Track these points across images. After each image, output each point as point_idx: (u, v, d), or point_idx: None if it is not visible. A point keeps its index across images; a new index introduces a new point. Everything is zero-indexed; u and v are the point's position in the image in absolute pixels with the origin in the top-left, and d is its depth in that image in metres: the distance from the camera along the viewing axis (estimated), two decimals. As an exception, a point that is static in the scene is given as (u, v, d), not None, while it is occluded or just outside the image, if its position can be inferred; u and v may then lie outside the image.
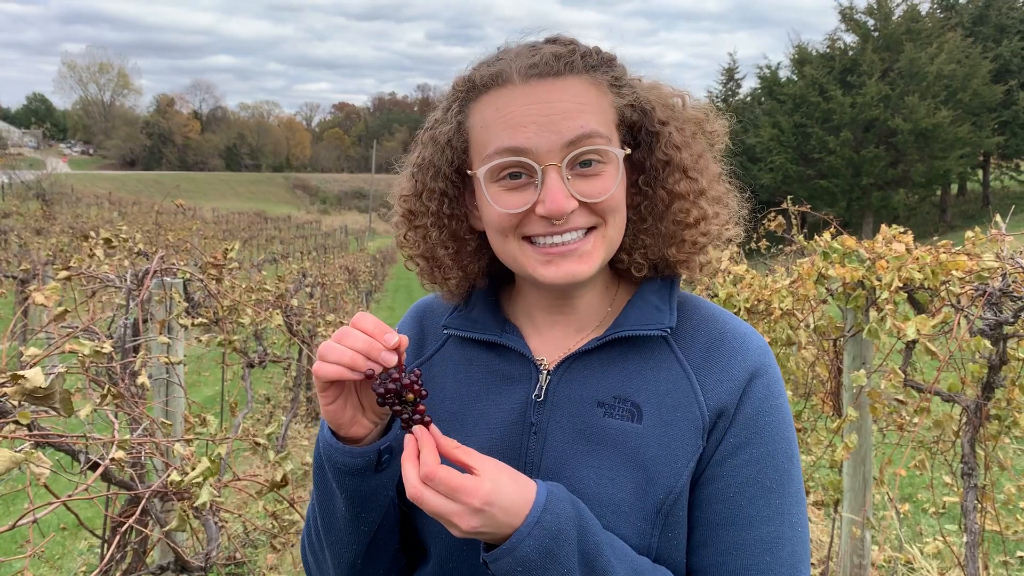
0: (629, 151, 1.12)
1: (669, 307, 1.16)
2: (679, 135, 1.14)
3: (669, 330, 1.14)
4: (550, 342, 1.21)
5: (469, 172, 1.14)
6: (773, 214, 5.09)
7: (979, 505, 3.00)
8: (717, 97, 52.79)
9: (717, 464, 1.09)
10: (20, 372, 1.19)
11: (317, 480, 1.15)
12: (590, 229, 1.10)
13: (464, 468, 0.99)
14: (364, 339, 1.01)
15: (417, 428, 1.02)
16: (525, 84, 1.06)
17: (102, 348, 1.69)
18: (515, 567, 0.96)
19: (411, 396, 1.02)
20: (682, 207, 1.14)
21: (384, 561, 1.21)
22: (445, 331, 1.26)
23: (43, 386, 1.20)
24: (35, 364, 1.25)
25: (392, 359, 1.01)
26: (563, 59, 1.08)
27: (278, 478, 2.06)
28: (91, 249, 2.57)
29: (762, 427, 1.10)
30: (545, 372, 1.17)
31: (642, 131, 1.14)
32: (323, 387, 1.04)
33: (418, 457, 0.99)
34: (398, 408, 1.03)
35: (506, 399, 1.18)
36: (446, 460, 1.00)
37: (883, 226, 3.57)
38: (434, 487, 0.96)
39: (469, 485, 0.95)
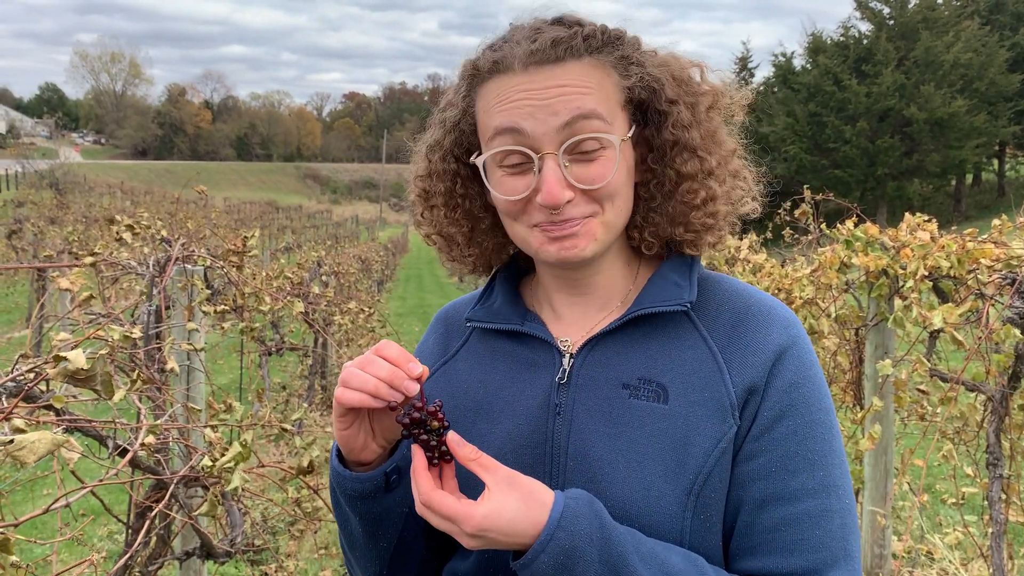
0: (630, 135, 1.11)
1: (689, 283, 1.15)
2: (689, 113, 1.12)
3: (689, 305, 1.12)
4: (572, 324, 1.21)
5: (471, 161, 1.15)
6: (795, 203, 5.05)
7: (1004, 496, 2.98)
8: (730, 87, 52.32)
9: (755, 440, 1.07)
10: (62, 353, 1.19)
11: (333, 502, 1.19)
12: (589, 216, 1.10)
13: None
14: (388, 368, 1.01)
15: (413, 448, 1.02)
16: (524, 72, 1.07)
17: (132, 333, 1.68)
18: None
19: (436, 424, 1.02)
20: (690, 187, 1.12)
21: (412, 566, 1.22)
22: (468, 324, 1.26)
23: (85, 367, 1.20)
24: (75, 346, 1.25)
25: (415, 388, 1.01)
26: (563, 44, 1.07)
27: (304, 464, 2.06)
28: (117, 234, 2.57)
29: (797, 399, 1.08)
30: (568, 355, 1.16)
31: (651, 109, 1.13)
32: (342, 413, 1.06)
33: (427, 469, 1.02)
34: (424, 438, 1.02)
35: (531, 385, 1.17)
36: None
37: (907, 214, 3.54)
38: (432, 511, 0.99)
39: (462, 513, 0.97)
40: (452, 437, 1.01)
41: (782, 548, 1.05)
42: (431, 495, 0.98)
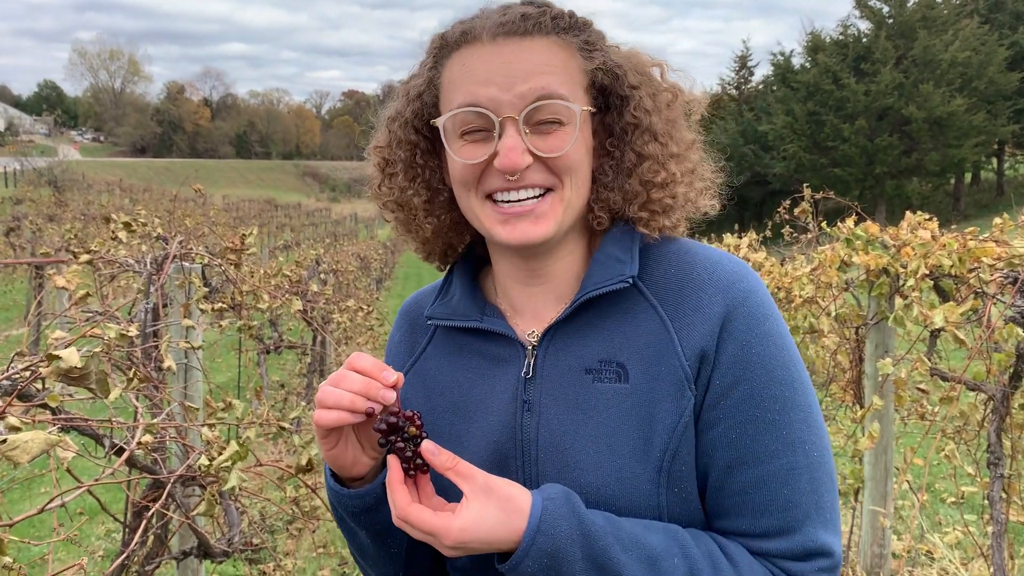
0: (592, 110, 1.13)
1: (631, 255, 1.13)
2: (650, 100, 1.13)
3: (632, 279, 1.11)
4: (531, 315, 1.20)
5: (432, 123, 1.15)
6: (794, 201, 5.04)
7: (1005, 495, 2.97)
8: (730, 84, 52.46)
9: (711, 408, 1.07)
10: (55, 352, 1.17)
11: (336, 519, 1.19)
12: (548, 191, 1.10)
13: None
14: (361, 380, 1.02)
15: (390, 459, 1.02)
16: (492, 42, 1.08)
17: (128, 332, 1.67)
18: None
19: (413, 430, 1.02)
20: (650, 167, 1.13)
21: (426, 565, 1.23)
22: (429, 322, 1.25)
23: (78, 366, 1.18)
24: (70, 344, 1.23)
25: (391, 396, 1.02)
26: (531, 19, 1.09)
27: (303, 462, 2.05)
28: (113, 232, 2.55)
29: (750, 361, 1.06)
30: (531, 347, 1.16)
31: (613, 95, 1.14)
32: (323, 434, 1.06)
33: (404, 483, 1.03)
34: (401, 446, 1.02)
35: (500, 381, 1.17)
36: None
37: (908, 213, 3.53)
38: (410, 526, 1.00)
39: (440, 527, 0.97)
40: (427, 446, 1.01)
41: (752, 510, 1.06)
42: (407, 510, 0.99)
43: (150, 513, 1.77)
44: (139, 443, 1.66)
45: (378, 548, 1.18)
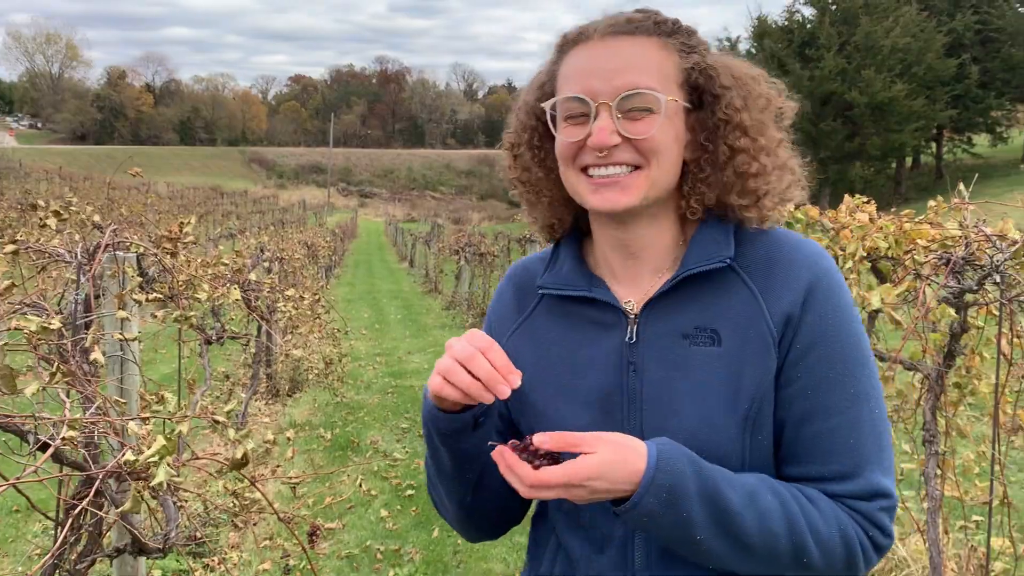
0: (683, 102, 1.28)
1: (727, 239, 1.30)
2: (741, 99, 1.29)
3: (729, 260, 1.27)
4: (630, 286, 1.36)
5: (541, 105, 1.34)
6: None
7: (940, 472, 3.04)
8: (677, 70, 52.77)
9: (791, 367, 1.24)
10: (-44, 348, 1.11)
11: (426, 438, 1.35)
12: (636, 169, 1.26)
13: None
14: (489, 369, 1.15)
15: (494, 454, 1.16)
16: (600, 40, 1.28)
17: (50, 324, 1.60)
18: (640, 518, 1.14)
19: (539, 461, 1.15)
20: (744, 160, 1.28)
21: (493, 498, 1.39)
22: (540, 291, 1.42)
23: (-19, 363, 1.13)
24: (-27, 340, 1.18)
25: (506, 393, 1.15)
26: (635, 22, 1.28)
27: (238, 456, 2.00)
28: (42, 220, 2.45)
29: (827, 328, 1.24)
30: (633, 316, 1.33)
31: (707, 94, 1.30)
32: (438, 398, 1.22)
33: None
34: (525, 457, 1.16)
35: (605, 343, 1.34)
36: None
37: (846, 196, 3.57)
38: (544, 488, 1.13)
39: (567, 473, 1.11)
40: (538, 438, 1.13)
41: (822, 456, 1.23)
42: (537, 476, 1.12)
43: (77, 510, 1.71)
44: (63, 439, 1.60)
45: (456, 470, 1.33)
